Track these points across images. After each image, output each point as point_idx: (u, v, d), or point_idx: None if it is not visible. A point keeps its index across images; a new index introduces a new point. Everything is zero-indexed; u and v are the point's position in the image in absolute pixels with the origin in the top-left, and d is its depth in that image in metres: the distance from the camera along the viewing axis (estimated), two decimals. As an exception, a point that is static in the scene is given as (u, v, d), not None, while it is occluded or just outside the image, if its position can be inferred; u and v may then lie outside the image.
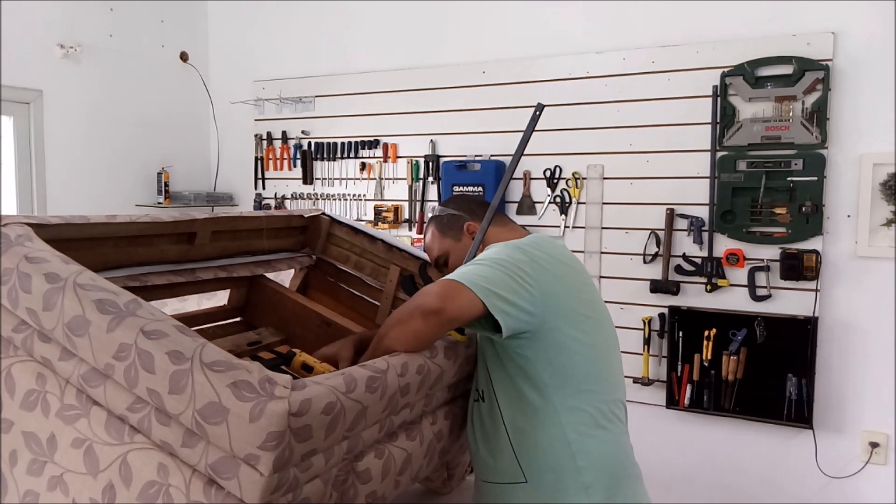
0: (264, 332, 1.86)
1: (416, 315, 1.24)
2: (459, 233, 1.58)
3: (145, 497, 0.94)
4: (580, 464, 1.36)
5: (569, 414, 1.36)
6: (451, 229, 1.60)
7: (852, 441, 2.74)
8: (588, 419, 1.37)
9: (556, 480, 1.37)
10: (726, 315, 2.86)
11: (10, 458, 1.06)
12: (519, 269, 1.30)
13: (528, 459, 1.38)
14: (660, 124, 2.95)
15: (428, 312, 1.23)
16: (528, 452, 1.38)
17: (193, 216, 1.57)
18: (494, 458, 1.42)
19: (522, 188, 3.23)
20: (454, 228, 1.60)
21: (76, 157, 3.42)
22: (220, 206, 3.92)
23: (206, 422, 0.90)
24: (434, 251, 1.63)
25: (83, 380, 1.01)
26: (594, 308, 1.44)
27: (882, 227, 2.65)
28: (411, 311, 1.26)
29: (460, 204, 1.64)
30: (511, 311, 1.28)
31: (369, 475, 1.14)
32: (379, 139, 3.59)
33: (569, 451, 1.36)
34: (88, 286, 1.01)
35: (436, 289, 1.25)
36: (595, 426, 1.38)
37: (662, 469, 2.99)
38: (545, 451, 1.37)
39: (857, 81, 2.66)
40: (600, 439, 1.39)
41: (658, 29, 2.96)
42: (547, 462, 1.37)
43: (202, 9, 4.08)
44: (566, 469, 1.36)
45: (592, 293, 1.46)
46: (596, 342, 1.41)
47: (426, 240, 1.66)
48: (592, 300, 1.44)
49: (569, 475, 1.36)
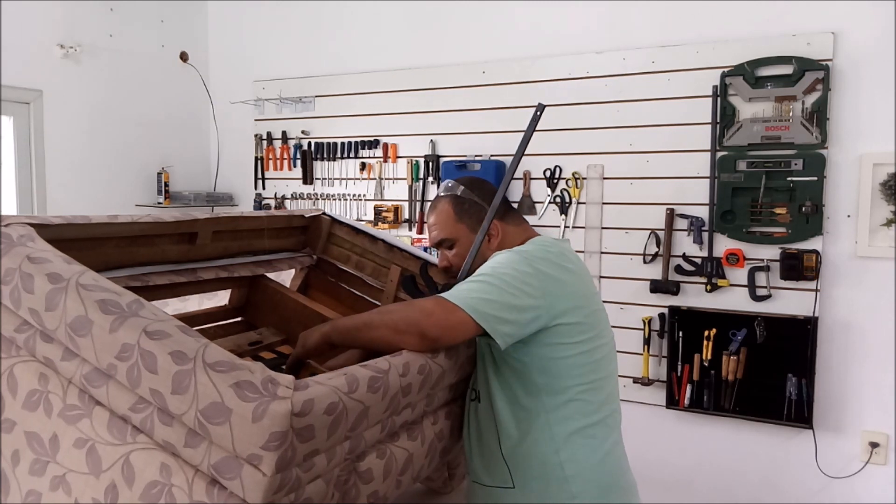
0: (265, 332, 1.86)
1: (413, 334, 1.24)
2: (478, 224, 1.48)
3: (148, 497, 0.94)
4: (568, 472, 1.35)
5: (559, 421, 1.36)
6: (471, 218, 1.50)
7: (852, 441, 2.75)
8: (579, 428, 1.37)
9: (543, 488, 1.36)
10: (726, 315, 2.86)
11: (13, 458, 1.06)
12: (524, 284, 1.29)
13: (517, 464, 1.37)
14: (660, 124, 2.96)
15: (425, 337, 1.23)
16: (517, 457, 1.37)
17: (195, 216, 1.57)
18: (485, 460, 1.42)
19: (522, 188, 3.23)
20: (473, 218, 1.50)
21: (76, 158, 3.41)
22: (220, 206, 3.92)
23: (208, 422, 0.90)
24: (443, 232, 1.52)
25: (86, 380, 1.01)
26: (595, 317, 1.42)
27: (882, 227, 2.65)
28: (409, 325, 1.24)
29: (484, 193, 1.52)
30: (511, 330, 1.28)
31: (371, 475, 1.14)
32: (379, 139, 3.59)
33: (557, 459, 1.35)
34: (91, 286, 1.01)
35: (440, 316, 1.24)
36: (586, 435, 1.37)
37: (662, 469, 2.99)
38: (534, 456, 1.36)
39: (857, 81, 2.66)
40: (590, 448, 1.38)
41: (658, 29, 2.96)
42: (534, 468, 1.36)
43: (202, 9, 4.08)
44: (553, 477, 1.36)
45: (594, 302, 1.44)
46: (593, 352, 1.40)
47: (435, 216, 1.53)
48: (594, 310, 1.43)
49: (555, 483, 1.36)
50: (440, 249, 1.56)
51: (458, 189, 1.52)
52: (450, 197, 1.52)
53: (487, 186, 1.56)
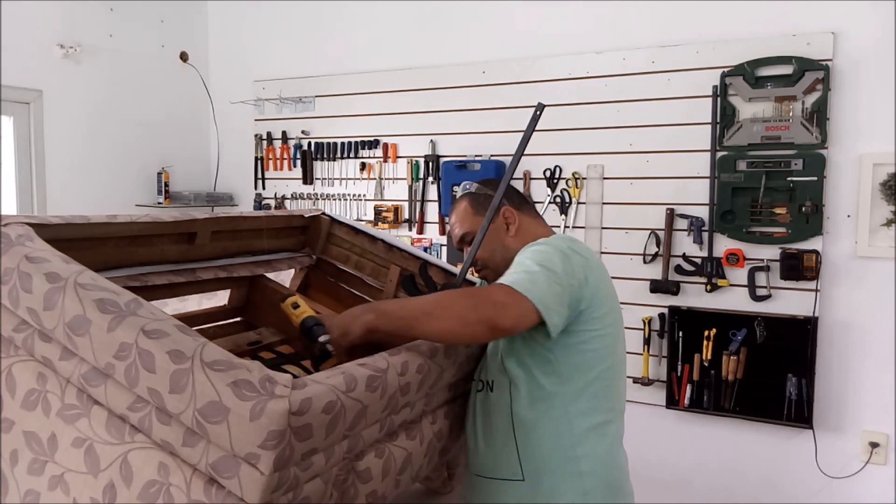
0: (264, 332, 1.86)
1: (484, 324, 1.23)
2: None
3: (146, 496, 0.94)
4: (582, 468, 1.35)
5: (578, 414, 1.37)
6: (486, 209, 1.54)
7: (852, 441, 2.74)
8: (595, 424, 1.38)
9: (554, 482, 1.36)
10: (726, 315, 2.86)
11: (11, 457, 1.06)
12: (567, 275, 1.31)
13: (530, 455, 1.37)
14: (660, 124, 2.95)
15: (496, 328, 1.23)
16: (531, 449, 1.37)
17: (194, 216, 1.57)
18: (493, 452, 1.41)
19: (522, 188, 3.23)
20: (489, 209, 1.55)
21: (76, 158, 3.42)
22: (220, 206, 3.92)
23: (206, 421, 0.90)
24: (462, 227, 1.58)
25: (84, 379, 1.01)
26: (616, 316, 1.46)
27: (882, 227, 2.65)
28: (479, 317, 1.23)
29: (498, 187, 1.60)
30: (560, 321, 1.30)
31: (370, 474, 1.14)
32: (379, 139, 3.59)
33: (573, 454, 1.36)
34: (89, 286, 1.01)
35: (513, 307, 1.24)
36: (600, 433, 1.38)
37: (662, 469, 2.99)
38: (550, 450, 1.36)
39: (857, 81, 2.66)
40: (604, 448, 1.39)
41: (658, 29, 2.96)
42: (548, 462, 1.36)
43: (202, 9, 4.08)
44: (567, 472, 1.36)
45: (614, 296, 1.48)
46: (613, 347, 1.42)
47: (455, 215, 1.61)
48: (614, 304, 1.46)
49: (569, 478, 1.36)
50: (464, 247, 1.60)
51: (472, 187, 1.63)
52: (466, 195, 1.62)
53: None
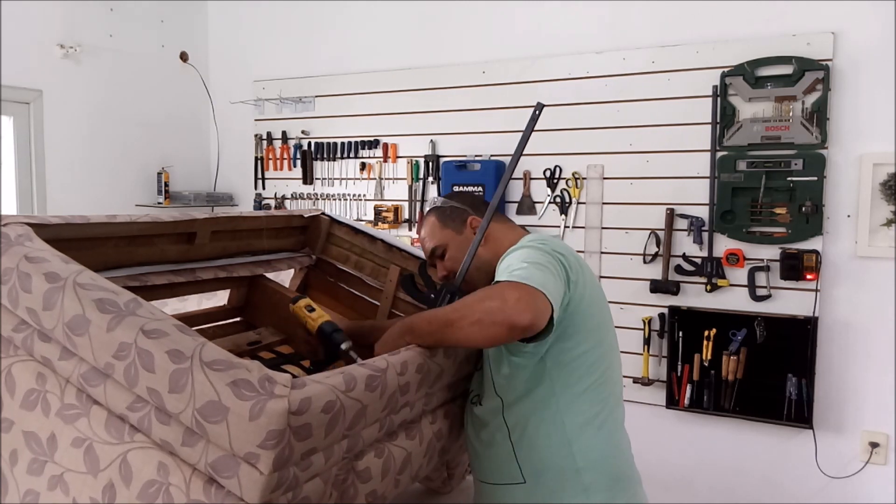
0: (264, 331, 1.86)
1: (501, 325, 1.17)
2: (461, 226, 1.55)
3: (145, 496, 0.94)
4: (580, 464, 1.36)
5: (572, 413, 1.37)
6: (454, 221, 1.57)
7: (852, 441, 2.74)
8: (590, 419, 1.38)
9: (554, 481, 1.37)
10: (726, 315, 2.85)
11: (11, 457, 1.06)
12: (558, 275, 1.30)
13: (528, 458, 1.38)
14: (660, 124, 2.95)
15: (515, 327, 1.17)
16: (527, 451, 1.38)
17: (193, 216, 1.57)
18: (493, 460, 1.42)
19: (522, 188, 3.23)
20: (456, 221, 1.57)
21: (76, 158, 3.41)
22: (220, 206, 3.92)
23: (206, 420, 0.90)
24: (432, 242, 1.58)
25: (83, 379, 1.01)
26: (604, 310, 1.46)
27: (882, 227, 2.65)
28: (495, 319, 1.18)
29: (463, 198, 1.63)
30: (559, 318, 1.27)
31: (369, 474, 1.14)
32: (379, 139, 3.59)
33: (569, 451, 1.36)
34: (88, 286, 1.01)
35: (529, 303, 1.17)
36: (596, 427, 1.38)
37: (662, 469, 2.99)
38: (545, 449, 1.37)
39: (857, 81, 2.66)
40: (601, 440, 1.39)
41: (658, 29, 2.96)
42: (546, 462, 1.37)
43: (202, 9, 4.08)
44: (565, 469, 1.36)
45: (603, 296, 1.48)
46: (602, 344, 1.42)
47: (424, 230, 1.62)
48: (604, 303, 1.47)
49: (568, 476, 1.36)
50: (435, 261, 1.59)
51: (438, 202, 1.64)
52: (433, 210, 1.63)
53: (467, 194, 1.71)
